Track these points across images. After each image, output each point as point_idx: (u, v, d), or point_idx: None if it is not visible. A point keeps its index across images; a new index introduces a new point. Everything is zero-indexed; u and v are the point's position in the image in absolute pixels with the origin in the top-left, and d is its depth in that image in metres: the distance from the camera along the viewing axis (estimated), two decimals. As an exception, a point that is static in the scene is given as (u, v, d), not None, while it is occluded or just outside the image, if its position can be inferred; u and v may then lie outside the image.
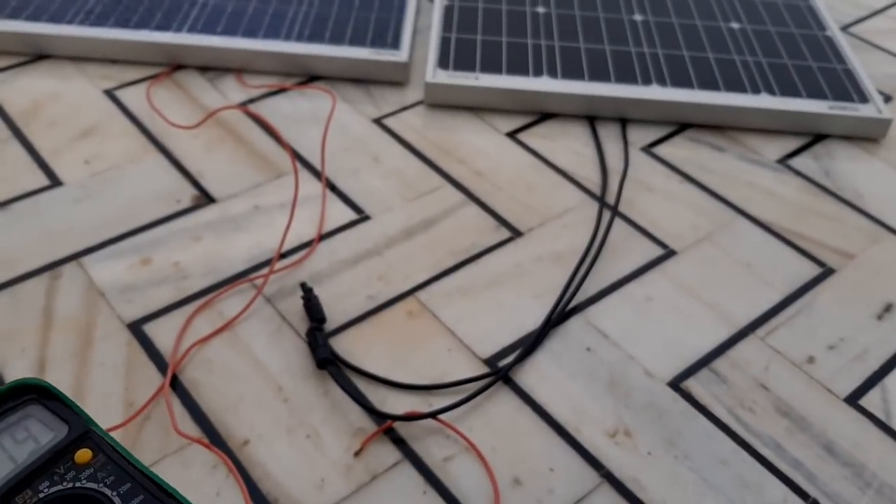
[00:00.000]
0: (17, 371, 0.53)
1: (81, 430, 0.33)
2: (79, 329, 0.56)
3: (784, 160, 0.75)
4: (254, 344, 0.56)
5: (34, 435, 0.33)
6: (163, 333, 0.56)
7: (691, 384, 0.55)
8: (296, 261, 0.62)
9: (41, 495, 0.31)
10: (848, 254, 0.66)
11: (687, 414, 0.53)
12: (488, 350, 0.56)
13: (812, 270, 0.64)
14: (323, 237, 0.64)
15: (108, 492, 0.32)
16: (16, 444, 0.33)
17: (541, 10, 0.87)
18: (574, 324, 0.59)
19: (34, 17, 0.80)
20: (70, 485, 0.32)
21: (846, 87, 0.79)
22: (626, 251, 0.65)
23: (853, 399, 0.55)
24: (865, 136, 0.77)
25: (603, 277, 0.62)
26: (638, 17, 0.87)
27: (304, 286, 0.58)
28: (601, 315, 0.59)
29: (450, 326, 0.58)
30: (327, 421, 0.51)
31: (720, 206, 0.69)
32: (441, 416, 0.52)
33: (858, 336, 0.59)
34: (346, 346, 0.56)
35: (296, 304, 0.59)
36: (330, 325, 0.57)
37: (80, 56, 0.80)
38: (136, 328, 0.56)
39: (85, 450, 0.33)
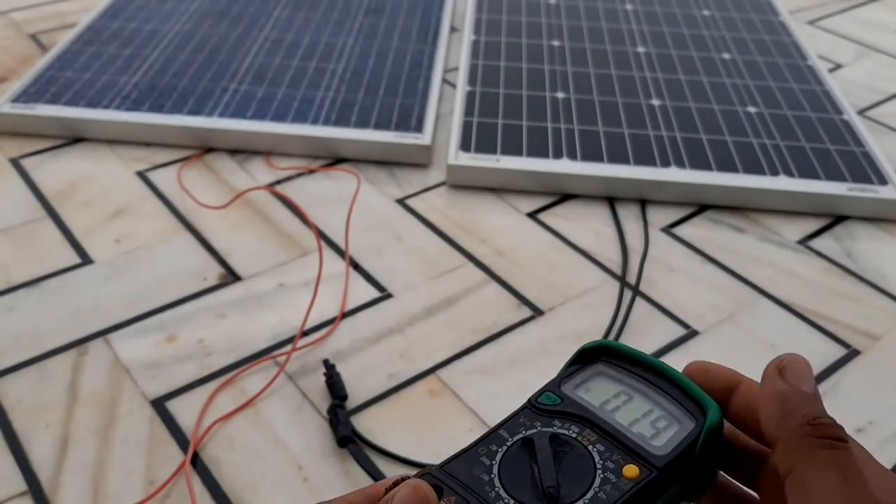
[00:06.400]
0: (41, 447, 0.53)
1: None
2: (103, 405, 0.56)
3: (805, 241, 0.75)
4: (275, 421, 0.56)
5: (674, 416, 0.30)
6: (185, 410, 0.56)
7: (717, 467, 0.54)
8: (318, 338, 0.62)
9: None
10: (873, 335, 0.65)
11: (713, 498, 0.52)
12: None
13: (837, 352, 0.63)
14: (345, 315, 0.65)
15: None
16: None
17: (560, 95, 0.90)
18: (596, 404, 0.58)
19: (73, 103, 0.84)
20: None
21: (865, 169, 0.80)
22: (647, 331, 0.65)
23: (884, 484, 0.53)
24: (885, 217, 0.78)
25: (625, 357, 0.62)
26: (656, 102, 0.89)
27: (326, 363, 0.58)
28: (624, 395, 0.59)
29: (471, 405, 0.57)
30: (347, 501, 0.51)
31: (742, 286, 0.69)
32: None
33: (887, 418, 0.58)
34: (367, 425, 0.56)
35: (317, 381, 0.59)
36: (351, 403, 0.57)
37: (116, 139, 0.83)
38: (160, 405, 0.57)
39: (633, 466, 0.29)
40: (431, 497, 0.27)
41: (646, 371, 0.32)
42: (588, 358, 0.33)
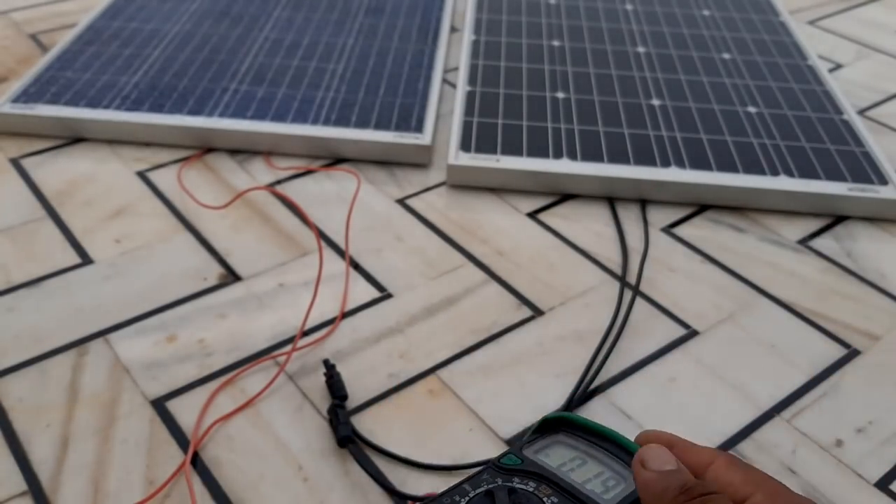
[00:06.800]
0: (41, 447, 0.53)
1: None
2: (103, 405, 0.56)
3: (805, 241, 0.75)
4: (275, 422, 0.56)
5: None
6: (185, 410, 0.56)
7: (717, 467, 0.54)
8: (318, 338, 0.62)
9: None
10: (873, 335, 0.65)
11: (713, 498, 0.52)
12: (510, 430, 0.56)
13: (837, 352, 0.63)
14: (346, 315, 0.65)
15: None
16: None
17: (560, 95, 0.90)
18: (597, 404, 0.58)
19: (73, 103, 0.84)
20: None
21: (865, 169, 0.80)
22: (648, 331, 0.65)
23: (883, 484, 0.54)
24: (885, 217, 0.78)
25: (625, 357, 0.62)
26: (656, 102, 0.89)
27: (326, 363, 0.58)
28: (624, 395, 0.59)
29: (471, 405, 0.58)
30: (346, 501, 0.51)
31: (742, 286, 0.69)
32: None
33: (887, 419, 0.58)
34: (368, 425, 0.56)
35: (318, 381, 0.59)
36: (351, 403, 0.57)
37: (116, 139, 0.83)
38: (160, 405, 0.57)
39: None
40: None
41: (601, 440, 0.35)
42: (549, 428, 0.36)
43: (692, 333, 0.64)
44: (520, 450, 0.35)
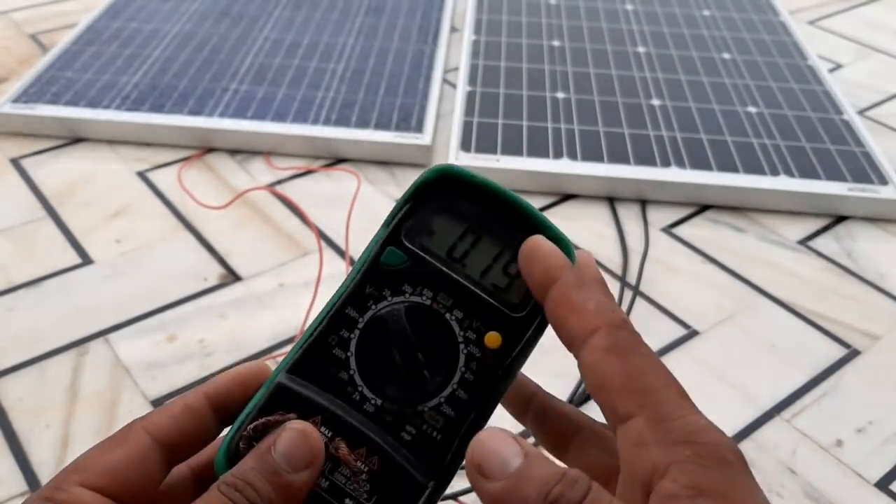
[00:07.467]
0: (41, 447, 0.53)
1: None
2: (103, 405, 0.56)
3: (805, 241, 0.75)
4: (275, 422, 0.56)
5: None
6: (185, 410, 0.56)
7: (717, 467, 0.54)
8: (319, 339, 0.62)
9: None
10: (873, 335, 0.65)
11: (713, 498, 0.52)
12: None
13: (837, 352, 0.63)
14: (346, 315, 0.65)
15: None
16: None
17: (560, 95, 0.90)
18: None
19: (73, 103, 0.84)
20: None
21: (865, 169, 0.80)
22: (648, 331, 0.65)
23: (884, 484, 0.54)
24: (885, 217, 0.78)
25: (625, 357, 0.62)
26: (656, 102, 0.89)
27: (326, 364, 0.58)
28: (624, 395, 0.59)
29: (471, 406, 0.57)
30: (347, 501, 0.51)
31: (742, 286, 0.69)
32: (461, 498, 0.51)
33: (887, 419, 0.58)
34: (368, 425, 0.56)
35: (318, 381, 0.59)
36: (351, 404, 0.57)
37: (116, 139, 0.83)
38: (160, 405, 0.57)
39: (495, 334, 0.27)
40: (318, 448, 0.25)
41: (493, 203, 0.28)
42: (427, 191, 0.29)
43: (692, 333, 0.64)
44: (398, 234, 0.28)
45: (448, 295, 0.27)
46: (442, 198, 0.29)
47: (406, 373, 0.27)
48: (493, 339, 0.27)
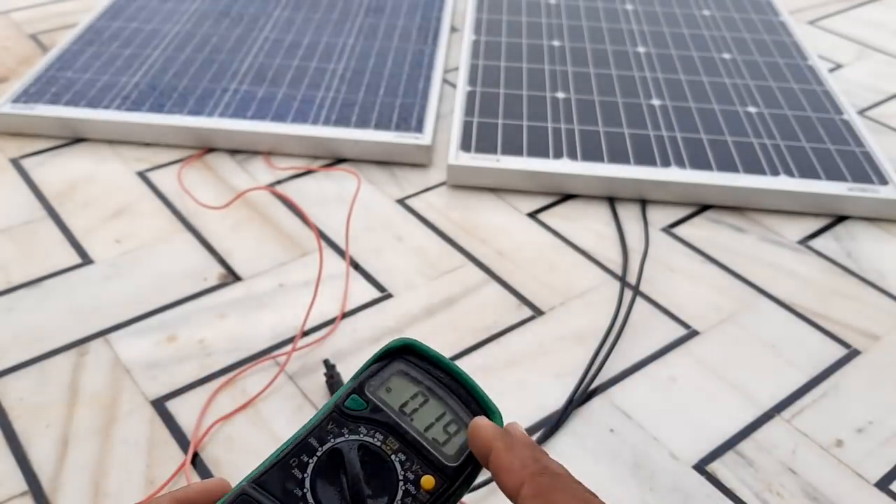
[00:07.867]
0: (41, 446, 0.53)
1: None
2: (103, 405, 0.56)
3: (805, 241, 0.75)
4: (275, 422, 0.56)
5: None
6: (186, 410, 0.56)
7: (717, 467, 0.54)
8: (319, 338, 0.62)
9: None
10: (873, 335, 0.65)
11: (713, 498, 0.52)
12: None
13: (837, 352, 0.63)
14: (346, 315, 0.65)
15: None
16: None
17: (560, 95, 0.90)
18: (597, 404, 0.58)
19: (73, 103, 0.84)
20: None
21: (865, 169, 0.80)
22: (648, 331, 0.65)
23: (884, 484, 0.54)
24: (885, 217, 0.78)
25: (625, 357, 0.62)
26: (656, 102, 0.89)
27: (327, 363, 0.58)
28: (624, 395, 0.59)
29: (471, 405, 0.57)
30: (347, 501, 0.51)
31: (742, 286, 0.69)
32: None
33: (887, 419, 0.58)
34: (368, 425, 0.56)
35: (318, 381, 0.59)
36: (351, 404, 0.57)
37: (116, 139, 0.83)
38: (160, 405, 0.57)
39: (429, 477, 0.33)
40: None
41: (442, 373, 0.35)
42: (391, 356, 0.35)
43: (692, 333, 0.64)
44: (362, 388, 0.34)
45: (396, 440, 0.33)
46: (402, 363, 0.35)
47: (351, 499, 0.31)
48: (428, 481, 0.32)
